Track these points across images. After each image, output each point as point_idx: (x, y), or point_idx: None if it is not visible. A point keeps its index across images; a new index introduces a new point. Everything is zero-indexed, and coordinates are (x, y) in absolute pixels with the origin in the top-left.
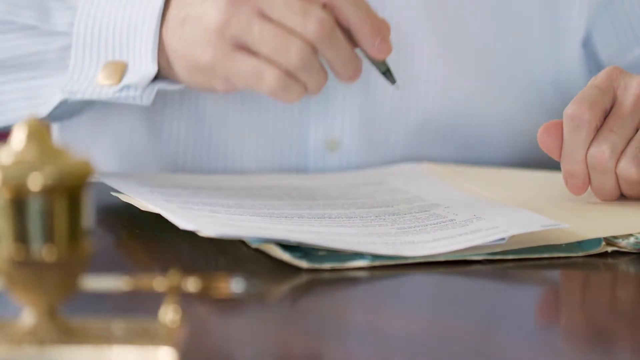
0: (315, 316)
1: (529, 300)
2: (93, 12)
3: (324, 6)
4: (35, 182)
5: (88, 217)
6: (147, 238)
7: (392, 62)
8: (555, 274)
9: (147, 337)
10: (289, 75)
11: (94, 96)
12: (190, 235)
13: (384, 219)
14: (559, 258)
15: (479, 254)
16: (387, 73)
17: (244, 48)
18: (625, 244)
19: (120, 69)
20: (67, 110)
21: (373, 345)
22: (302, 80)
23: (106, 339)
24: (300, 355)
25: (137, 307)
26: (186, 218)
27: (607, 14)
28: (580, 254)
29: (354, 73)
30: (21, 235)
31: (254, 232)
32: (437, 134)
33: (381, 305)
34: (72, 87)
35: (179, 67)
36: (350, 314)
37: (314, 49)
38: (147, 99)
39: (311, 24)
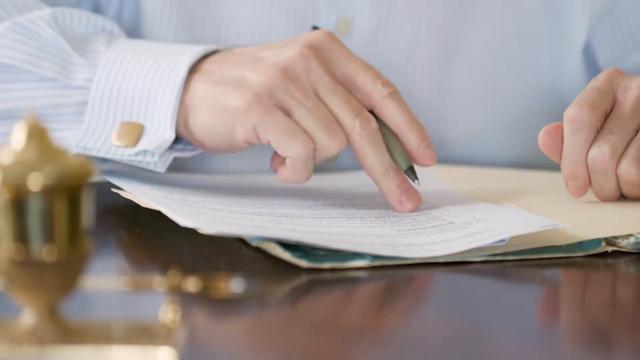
0: (315, 316)
1: (529, 300)
2: (114, 71)
3: (374, 107)
4: (35, 182)
5: (88, 217)
6: (147, 238)
7: (394, 71)
8: (555, 274)
9: (147, 337)
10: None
11: (109, 155)
12: (190, 235)
13: (384, 220)
14: (559, 258)
15: (479, 256)
16: (410, 170)
17: (286, 112)
18: (625, 244)
19: (136, 131)
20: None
21: (373, 345)
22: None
23: (106, 339)
24: (301, 355)
25: (137, 307)
26: (186, 215)
27: (607, 21)
28: (580, 254)
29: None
30: (21, 235)
31: (254, 231)
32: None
33: (381, 305)
34: (87, 144)
35: (202, 110)
36: (350, 314)
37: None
38: (162, 165)
39: (362, 122)
